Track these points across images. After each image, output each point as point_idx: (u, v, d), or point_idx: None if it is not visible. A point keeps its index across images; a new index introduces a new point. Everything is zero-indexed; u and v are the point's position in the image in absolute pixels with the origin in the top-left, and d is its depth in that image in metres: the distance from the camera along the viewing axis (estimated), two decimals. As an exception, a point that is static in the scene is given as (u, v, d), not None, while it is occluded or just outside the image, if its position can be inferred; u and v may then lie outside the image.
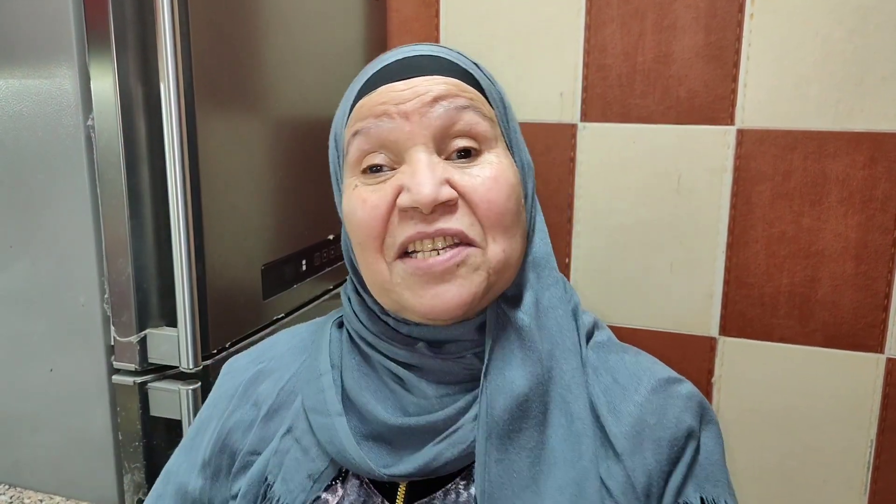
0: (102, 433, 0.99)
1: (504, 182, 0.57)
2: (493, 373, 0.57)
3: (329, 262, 1.31)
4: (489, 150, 0.58)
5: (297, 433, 0.63)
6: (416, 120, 0.56)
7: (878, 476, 1.33)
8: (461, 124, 0.57)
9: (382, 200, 0.56)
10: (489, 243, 0.56)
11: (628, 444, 0.57)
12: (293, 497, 0.60)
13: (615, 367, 0.62)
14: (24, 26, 0.93)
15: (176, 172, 0.91)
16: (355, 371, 0.62)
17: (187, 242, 0.93)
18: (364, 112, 0.58)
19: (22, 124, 0.95)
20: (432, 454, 0.56)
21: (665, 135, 1.36)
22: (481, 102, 0.58)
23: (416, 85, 0.57)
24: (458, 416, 0.57)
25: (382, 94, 0.58)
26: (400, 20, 1.50)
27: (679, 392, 0.61)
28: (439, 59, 0.59)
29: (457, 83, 0.58)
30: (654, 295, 1.41)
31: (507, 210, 0.57)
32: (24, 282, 0.99)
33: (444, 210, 0.55)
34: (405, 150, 0.56)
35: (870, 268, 1.29)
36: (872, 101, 1.24)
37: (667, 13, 1.32)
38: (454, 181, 0.56)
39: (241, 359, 0.72)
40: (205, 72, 0.96)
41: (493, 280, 0.57)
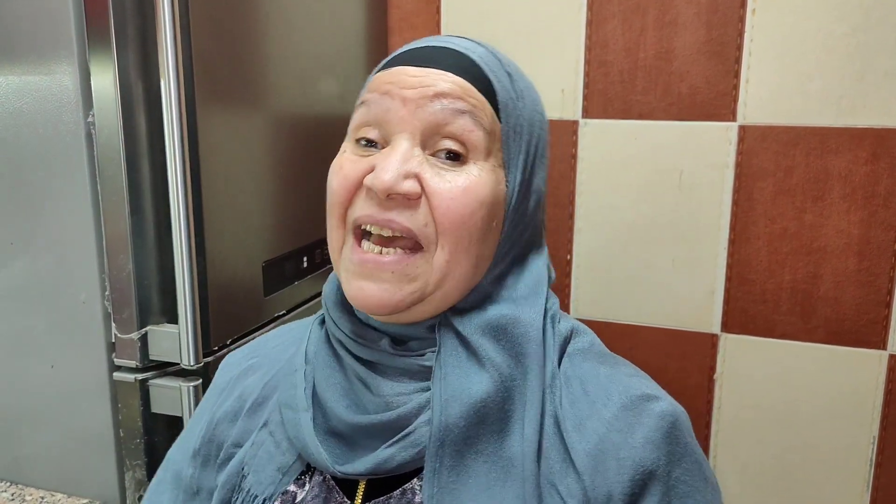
0: (103, 430, 0.99)
1: (473, 196, 0.56)
2: (448, 378, 0.57)
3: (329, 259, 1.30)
4: (475, 160, 0.57)
5: (271, 427, 0.64)
6: (412, 109, 0.56)
7: (881, 473, 1.33)
8: (453, 127, 0.56)
9: (354, 173, 0.57)
10: (437, 250, 0.56)
11: (590, 462, 0.55)
12: (263, 488, 0.61)
13: (587, 378, 0.60)
14: (24, 23, 0.92)
15: (176, 169, 0.91)
16: (326, 368, 0.63)
17: (188, 239, 0.93)
18: (374, 85, 0.59)
19: (22, 121, 0.95)
20: (385, 456, 0.56)
21: (667, 131, 1.36)
22: (485, 111, 0.57)
23: (426, 76, 0.57)
24: (412, 417, 0.57)
25: (394, 74, 0.58)
26: (400, 16, 1.50)
27: (651, 410, 0.57)
28: (463, 56, 0.59)
29: (465, 85, 0.57)
30: (656, 292, 1.41)
31: (466, 223, 0.56)
32: (25, 279, 0.99)
33: (403, 202, 0.55)
34: (393, 134, 0.57)
35: (872, 264, 1.28)
36: (875, 96, 1.24)
37: (668, 9, 1.32)
38: (424, 178, 0.56)
39: (237, 354, 0.74)
40: (205, 68, 0.96)
41: (429, 291, 0.57)
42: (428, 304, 0.58)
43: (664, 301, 1.41)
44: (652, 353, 1.43)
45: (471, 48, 0.60)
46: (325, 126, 1.29)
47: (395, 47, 1.51)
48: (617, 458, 0.55)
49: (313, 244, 1.25)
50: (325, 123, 1.29)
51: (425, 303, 0.58)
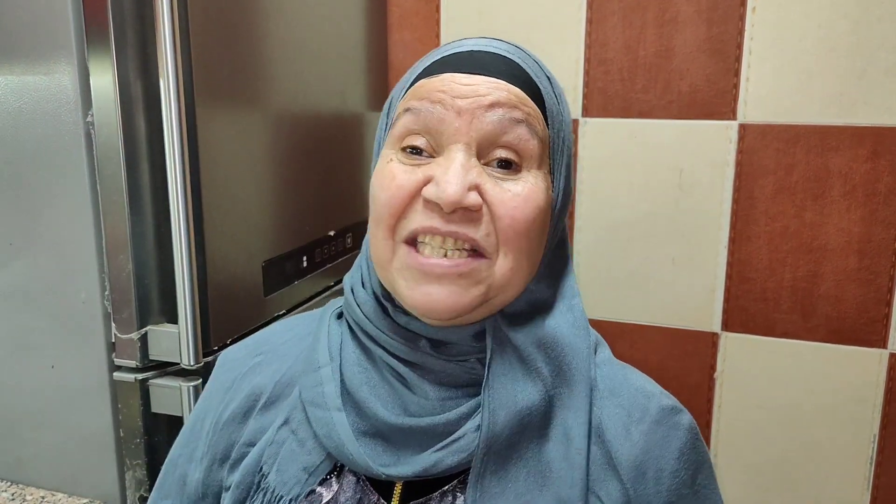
0: (104, 430, 0.99)
1: (533, 203, 0.56)
2: (496, 386, 0.57)
3: (330, 258, 1.31)
4: (529, 169, 0.57)
5: (293, 425, 0.62)
6: (468, 119, 0.55)
7: (881, 471, 1.33)
8: (510, 136, 0.56)
9: (409, 183, 0.56)
10: (500, 257, 0.56)
11: (633, 471, 0.58)
12: (288, 489, 0.60)
13: (618, 389, 0.62)
14: (23, 23, 0.92)
15: (176, 168, 0.91)
16: (355, 365, 0.61)
17: (188, 239, 0.93)
18: (422, 93, 0.57)
19: (21, 121, 0.95)
20: (433, 460, 0.56)
21: (667, 130, 1.35)
22: (538, 120, 0.57)
23: (479, 84, 0.56)
24: (460, 423, 0.57)
25: (444, 82, 0.57)
26: (400, 14, 1.49)
27: (681, 423, 0.61)
28: (510, 62, 0.58)
29: (519, 94, 0.56)
30: (656, 290, 1.41)
31: (528, 231, 0.56)
32: (25, 279, 0.99)
33: (465, 214, 0.55)
34: (447, 144, 0.56)
35: (873, 262, 1.28)
36: (875, 94, 1.24)
37: (668, 7, 1.32)
38: (484, 189, 0.55)
39: (237, 350, 0.71)
40: (204, 67, 0.96)
41: (492, 295, 0.57)
42: (487, 307, 0.58)
43: (664, 299, 1.41)
44: (652, 351, 1.43)
45: (513, 52, 0.59)
46: (325, 125, 1.29)
47: (394, 46, 1.52)
48: (657, 468, 0.58)
49: (313, 243, 1.25)
50: (324, 122, 1.29)
51: (485, 306, 0.58)
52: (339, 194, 1.35)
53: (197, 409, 0.71)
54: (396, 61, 1.52)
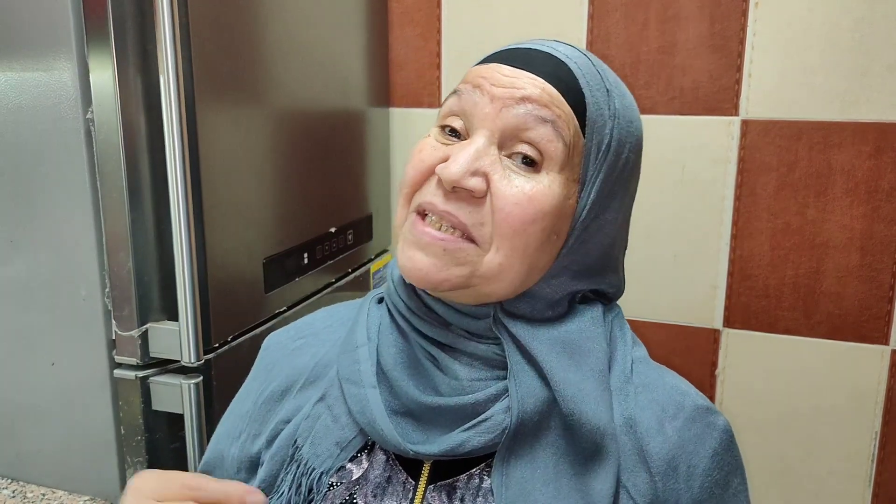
0: (104, 427, 0.99)
1: (536, 206, 0.55)
2: (520, 375, 0.58)
3: (331, 255, 1.30)
4: (549, 170, 0.56)
5: (329, 400, 0.64)
6: (497, 108, 0.56)
7: (883, 468, 1.33)
8: (534, 133, 0.56)
9: (431, 158, 0.58)
10: (491, 249, 0.56)
11: (663, 465, 0.58)
12: (321, 461, 0.62)
13: (654, 386, 0.62)
14: (22, 19, 0.92)
15: (176, 165, 0.90)
16: (391, 346, 0.63)
17: (188, 236, 0.92)
18: (470, 77, 0.59)
19: (21, 117, 0.94)
20: (461, 439, 0.57)
21: (669, 126, 1.35)
22: (568, 124, 0.56)
23: (518, 77, 0.57)
24: (489, 404, 0.58)
25: (489, 70, 0.58)
26: (401, 10, 1.49)
27: (716, 424, 0.62)
28: (561, 64, 0.58)
29: (554, 94, 0.56)
30: (658, 287, 1.41)
31: (524, 231, 0.56)
32: (25, 276, 0.99)
33: (467, 197, 0.56)
34: (475, 128, 0.57)
35: (875, 259, 1.28)
36: (878, 90, 1.23)
37: (670, 3, 1.31)
38: (492, 179, 0.56)
39: (282, 333, 0.74)
40: (205, 64, 0.95)
41: (475, 283, 0.57)
42: (470, 293, 0.58)
43: (666, 296, 1.41)
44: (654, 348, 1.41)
45: (573, 56, 0.59)
46: (326, 122, 1.29)
47: (395, 42, 1.51)
48: (688, 466, 0.59)
49: (314, 240, 1.25)
50: (325, 119, 1.28)
51: (469, 291, 0.58)
52: (340, 191, 1.35)
53: (240, 392, 0.74)
54: (397, 58, 1.51)
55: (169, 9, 0.87)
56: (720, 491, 0.60)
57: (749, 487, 0.65)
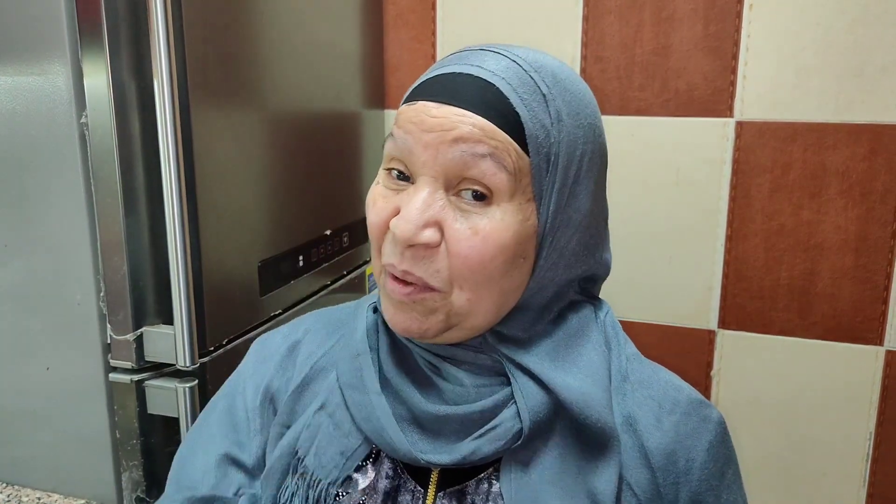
0: (100, 431, 0.99)
1: (492, 244, 0.55)
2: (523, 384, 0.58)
3: (326, 257, 1.30)
4: (500, 202, 0.55)
5: (330, 408, 0.63)
6: (432, 154, 0.55)
7: (877, 468, 1.33)
8: (475, 172, 0.54)
9: (385, 211, 0.57)
10: (454, 290, 0.56)
11: (663, 460, 0.60)
12: (326, 472, 0.61)
13: (649, 382, 0.63)
14: (16, 23, 0.92)
15: (171, 169, 0.90)
16: (391, 354, 0.63)
17: (183, 239, 0.92)
18: (401, 120, 0.58)
19: (15, 122, 0.94)
20: (472, 448, 0.57)
21: (664, 127, 1.35)
22: (509, 151, 0.54)
23: (445, 116, 0.55)
24: (496, 411, 0.58)
25: (417, 112, 0.56)
26: (396, 12, 1.49)
27: (710, 417, 0.63)
28: (488, 86, 0.55)
29: (487, 127, 0.54)
30: (653, 288, 1.41)
31: (483, 269, 0.55)
32: (20, 280, 0.99)
33: (423, 249, 0.55)
34: (416, 175, 0.56)
35: (869, 260, 1.28)
36: (873, 92, 1.23)
37: (665, 4, 1.31)
38: (445, 225, 0.55)
39: (275, 335, 0.73)
40: (199, 67, 0.95)
41: (455, 321, 0.57)
42: (459, 331, 0.58)
43: (661, 297, 1.41)
44: (649, 349, 1.41)
45: (500, 70, 0.56)
46: (321, 124, 1.29)
47: (390, 44, 1.51)
48: (687, 459, 0.60)
49: (309, 243, 1.25)
50: (319, 122, 1.28)
51: (456, 329, 0.58)
52: (334, 194, 1.35)
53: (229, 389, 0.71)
54: (392, 60, 1.51)
55: (163, 12, 0.87)
56: (716, 482, 0.62)
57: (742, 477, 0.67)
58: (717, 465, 0.62)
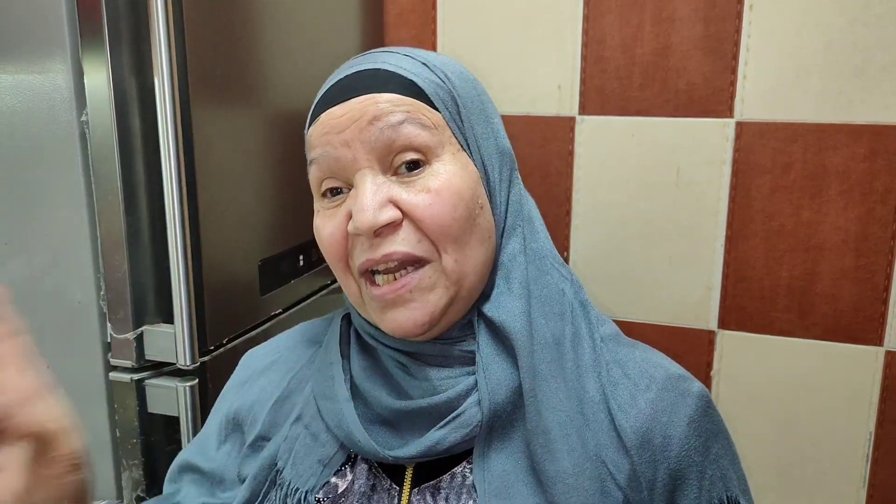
0: (100, 430, 0.99)
1: (448, 194, 0.57)
2: (490, 368, 0.58)
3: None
4: (436, 158, 0.58)
5: (306, 420, 0.64)
6: (357, 146, 0.57)
7: (877, 468, 1.33)
8: (400, 140, 0.56)
9: (337, 228, 0.58)
10: (442, 255, 0.57)
11: (637, 439, 0.58)
12: (304, 481, 0.62)
13: (625, 362, 0.62)
14: (16, 21, 0.92)
15: (171, 168, 0.90)
16: (362, 361, 0.64)
17: (183, 238, 0.92)
18: (313, 141, 0.60)
19: (15, 120, 0.94)
20: (436, 438, 0.58)
21: (664, 127, 1.35)
22: (421, 110, 0.58)
23: (352, 109, 0.57)
24: (461, 400, 0.58)
25: (324, 124, 0.59)
26: (396, 12, 1.49)
27: (689, 391, 0.61)
28: (376, 73, 0.59)
29: (391, 98, 0.57)
30: (653, 288, 1.41)
31: (454, 221, 0.57)
32: (20, 279, 0.99)
33: (389, 231, 0.56)
34: (352, 175, 0.58)
35: (869, 261, 1.28)
36: (873, 92, 1.23)
37: (665, 5, 1.31)
38: (399, 200, 0.56)
39: (258, 351, 0.75)
40: (199, 66, 0.95)
41: (453, 291, 0.58)
42: (459, 303, 0.59)
43: (661, 297, 1.41)
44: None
45: (379, 60, 0.60)
46: (321, 123, 1.29)
47: (390, 44, 1.51)
48: (664, 436, 0.59)
49: (309, 242, 1.25)
50: (320, 120, 1.28)
51: (456, 302, 0.59)
52: (335, 193, 1.35)
53: (214, 408, 0.75)
54: (393, 59, 1.51)
55: (164, 11, 0.87)
56: (699, 458, 0.60)
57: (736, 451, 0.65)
58: (699, 439, 0.60)
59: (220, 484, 0.70)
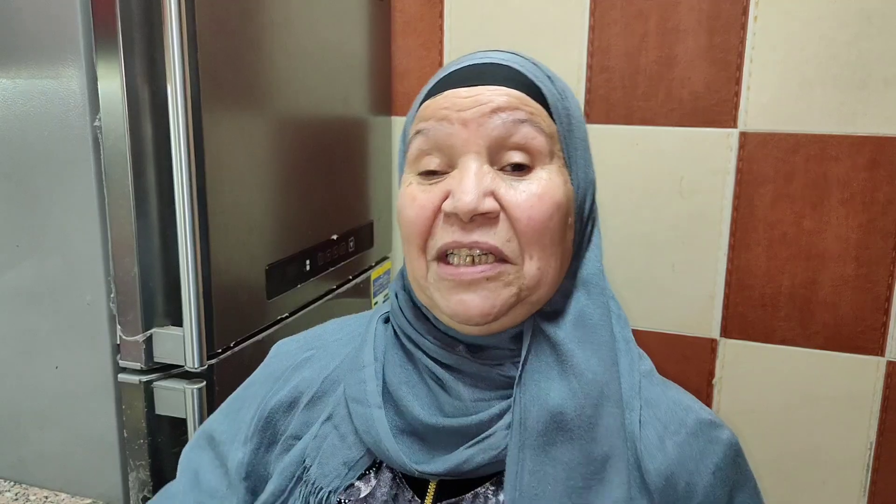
0: (108, 431, 1.00)
1: (549, 200, 0.57)
2: (528, 384, 0.58)
3: (333, 261, 1.31)
4: (542, 165, 0.58)
5: (336, 420, 0.64)
6: (474, 129, 0.57)
7: (878, 478, 1.34)
8: (517, 137, 0.57)
9: (430, 201, 0.58)
10: (525, 260, 0.57)
11: (661, 482, 0.58)
12: (328, 481, 0.62)
13: (657, 402, 0.62)
14: (31, 26, 0.93)
15: (182, 172, 0.91)
16: (397, 367, 0.63)
17: (193, 242, 0.93)
18: (428, 113, 0.59)
19: (29, 124, 0.96)
20: (464, 457, 0.57)
21: (668, 137, 1.36)
22: (542, 117, 0.58)
23: (479, 94, 0.58)
24: (491, 423, 0.58)
25: (447, 99, 0.59)
26: (404, 20, 1.50)
27: (719, 438, 0.61)
28: (508, 68, 0.60)
29: (519, 96, 0.58)
30: (656, 296, 1.42)
31: (548, 228, 0.57)
32: (31, 280, 1.00)
33: (484, 221, 0.56)
34: (459, 156, 0.58)
35: (870, 271, 1.29)
36: (875, 104, 1.25)
37: (670, 15, 1.33)
38: (499, 194, 0.57)
39: (290, 343, 0.74)
40: (211, 72, 0.97)
41: (524, 295, 0.58)
42: (523, 307, 0.59)
43: (664, 305, 1.42)
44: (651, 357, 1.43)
45: (510, 59, 0.61)
46: (328, 130, 1.30)
47: (398, 51, 1.53)
48: (688, 482, 0.58)
49: (316, 247, 1.26)
50: (328, 127, 1.30)
51: (521, 305, 0.59)
52: (341, 198, 1.36)
53: (243, 393, 0.73)
54: (400, 67, 1.53)
55: (177, 18, 0.88)
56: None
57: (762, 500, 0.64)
58: (724, 489, 0.60)
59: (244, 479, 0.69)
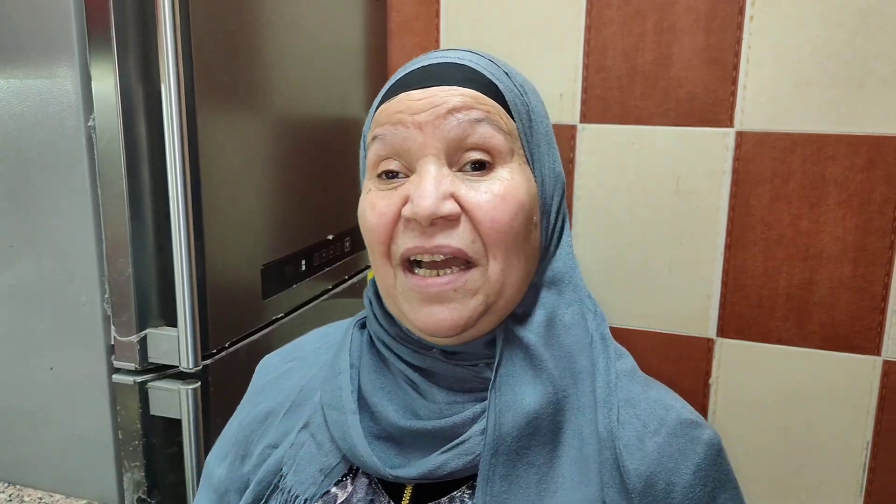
0: (102, 432, 1.00)
1: (512, 200, 0.56)
2: (503, 389, 0.57)
3: (328, 262, 1.31)
4: (503, 164, 0.57)
5: (312, 428, 0.64)
6: (430, 131, 0.56)
7: (874, 478, 1.34)
8: (475, 137, 0.56)
9: (389, 208, 0.57)
10: (490, 261, 0.56)
11: (640, 482, 0.57)
12: (304, 488, 0.61)
13: (636, 401, 0.61)
14: (25, 26, 0.93)
15: (176, 172, 0.91)
16: (372, 372, 0.63)
17: (187, 242, 0.93)
18: (383, 118, 0.59)
19: (23, 124, 0.95)
20: (438, 462, 0.57)
21: (664, 136, 1.36)
22: (499, 115, 0.57)
23: (433, 95, 0.57)
24: (466, 426, 0.58)
25: (400, 102, 0.58)
26: (400, 20, 1.50)
27: (699, 438, 0.60)
28: (462, 67, 0.59)
29: (475, 94, 0.57)
30: (652, 296, 1.42)
31: (511, 229, 0.56)
32: (25, 281, 1.00)
33: (445, 224, 0.55)
34: (417, 160, 0.57)
35: (867, 270, 1.29)
36: (872, 103, 1.24)
37: (667, 15, 1.32)
38: (460, 196, 0.56)
39: (274, 356, 0.74)
40: (206, 72, 0.96)
41: (492, 300, 0.57)
42: (492, 314, 0.58)
43: (660, 305, 1.42)
44: (647, 357, 1.44)
45: (465, 58, 0.60)
46: (325, 130, 1.30)
47: (394, 51, 1.52)
48: (667, 482, 0.57)
49: (312, 247, 1.26)
50: (324, 127, 1.29)
51: (490, 313, 0.58)
52: (337, 199, 1.36)
53: (234, 414, 0.74)
54: (396, 67, 1.52)
55: (171, 18, 0.88)
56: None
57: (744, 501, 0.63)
58: (704, 489, 0.58)
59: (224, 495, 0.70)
